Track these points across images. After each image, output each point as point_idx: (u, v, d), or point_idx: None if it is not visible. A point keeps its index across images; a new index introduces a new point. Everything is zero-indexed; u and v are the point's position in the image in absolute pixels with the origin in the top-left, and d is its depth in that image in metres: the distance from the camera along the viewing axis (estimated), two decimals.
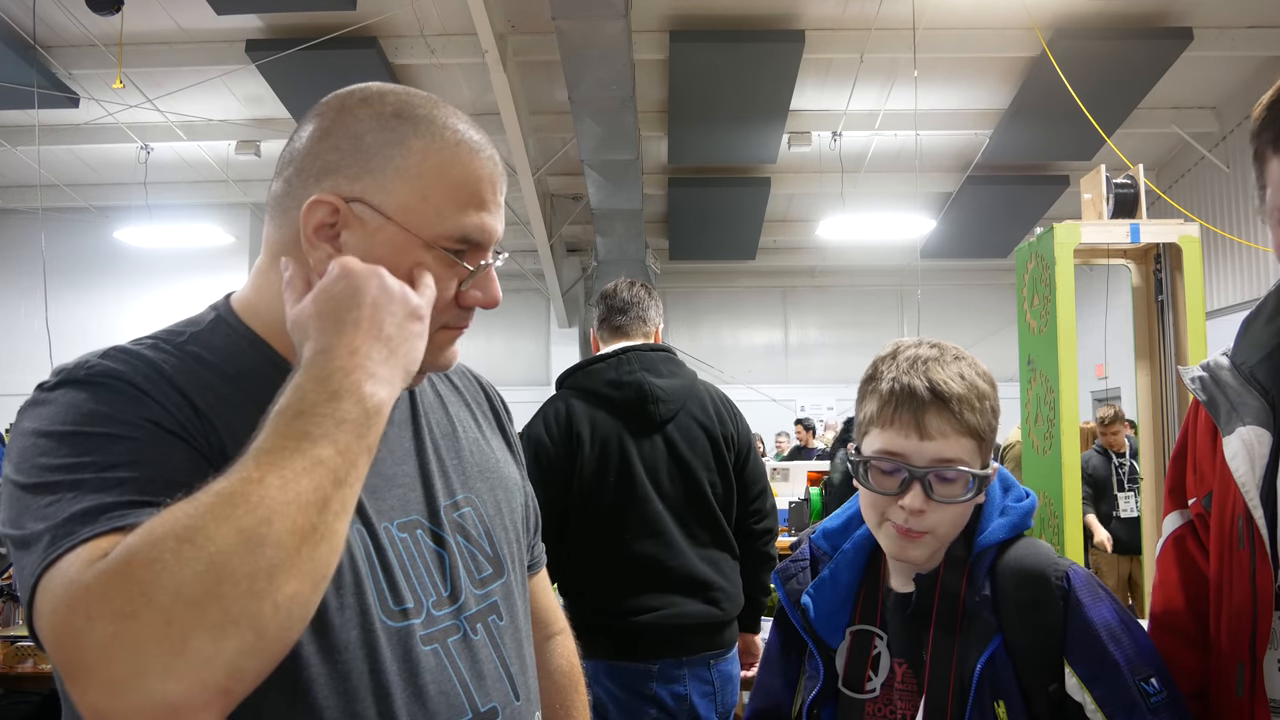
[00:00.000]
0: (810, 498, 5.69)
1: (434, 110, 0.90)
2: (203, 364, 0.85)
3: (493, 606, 0.95)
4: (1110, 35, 6.90)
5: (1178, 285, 3.87)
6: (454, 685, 0.88)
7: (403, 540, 0.90)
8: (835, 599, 1.22)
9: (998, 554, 1.15)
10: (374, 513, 0.89)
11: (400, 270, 0.85)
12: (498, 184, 0.92)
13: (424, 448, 0.97)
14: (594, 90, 6.62)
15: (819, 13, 7.04)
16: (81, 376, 0.79)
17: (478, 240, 0.89)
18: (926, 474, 1.11)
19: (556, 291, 11.43)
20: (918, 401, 1.12)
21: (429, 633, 0.88)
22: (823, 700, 1.21)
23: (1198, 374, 1.18)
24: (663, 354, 2.44)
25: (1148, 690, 1.07)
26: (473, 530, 0.97)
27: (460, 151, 0.88)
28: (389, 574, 0.86)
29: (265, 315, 0.91)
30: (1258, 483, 1.06)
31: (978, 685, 1.09)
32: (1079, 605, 1.09)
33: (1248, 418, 1.09)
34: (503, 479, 1.05)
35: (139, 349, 0.84)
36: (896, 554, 1.17)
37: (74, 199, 9.98)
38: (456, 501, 0.97)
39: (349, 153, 0.87)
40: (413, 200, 0.86)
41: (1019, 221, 9.92)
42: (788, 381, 13.31)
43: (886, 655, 1.19)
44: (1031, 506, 1.20)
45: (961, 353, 1.19)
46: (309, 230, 0.86)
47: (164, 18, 6.95)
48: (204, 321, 0.91)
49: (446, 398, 1.06)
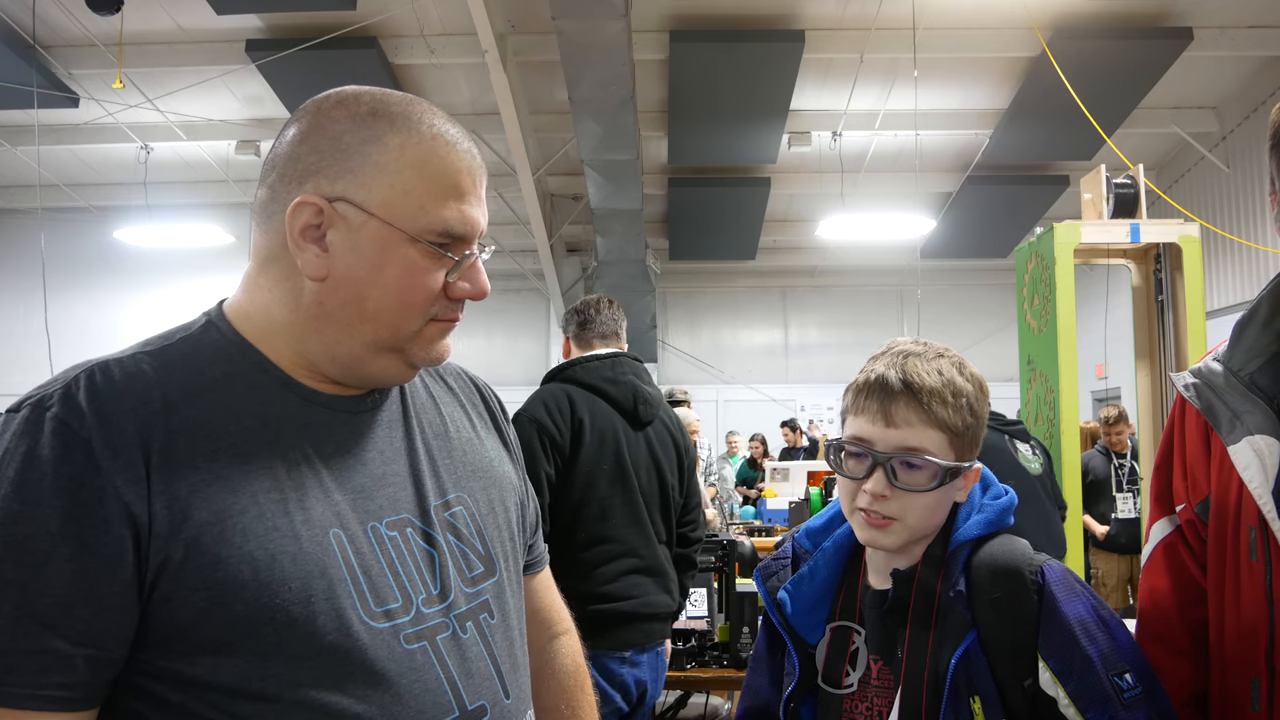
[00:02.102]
0: (810, 498, 5.69)
1: (409, 108, 0.91)
2: (186, 368, 0.87)
3: (484, 605, 0.95)
4: (1110, 35, 6.89)
5: (1178, 285, 3.87)
6: (440, 683, 0.88)
7: (391, 539, 0.90)
8: (813, 595, 1.24)
9: (973, 550, 1.16)
10: (361, 513, 0.89)
11: (387, 265, 0.87)
12: (477, 176, 0.93)
13: (414, 447, 0.98)
14: (594, 90, 6.61)
15: (819, 13, 7.04)
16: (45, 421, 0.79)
17: (460, 232, 0.90)
18: (890, 460, 1.14)
19: (556, 291, 11.43)
20: (888, 391, 1.15)
21: (417, 630, 0.88)
22: (800, 695, 1.22)
23: (1190, 381, 1.17)
24: (643, 365, 2.66)
25: (1121, 685, 1.07)
26: (464, 529, 0.97)
27: (437, 145, 0.90)
28: (370, 576, 0.86)
29: (256, 320, 0.92)
30: (1273, 494, 1.05)
31: (952, 680, 1.10)
32: (1053, 600, 1.10)
33: (1254, 427, 1.08)
34: (496, 478, 1.05)
35: (117, 370, 0.84)
36: (866, 541, 1.19)
37: (74, 199, 9.98)
38: (448, 500, 0.97)
39: (328, 153, 0.88)
40: (394, 195, 0.87)
41: (1019, 221, 9.92)
42: (788, 381, 13.30)
43: (864, 651, 1.20)
44: (1009, 504, 1.21)
45: (948, 353, 1.20)
46: (295, 232, 0.88)
47: (164, 18, 6.95)
48: (194, 327, 0.93)
49: (440, 398, 1.06)
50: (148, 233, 9.70)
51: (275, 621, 0.80)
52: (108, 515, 0.77)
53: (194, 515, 0.80)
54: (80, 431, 0.79)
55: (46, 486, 0.76)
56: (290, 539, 0.83)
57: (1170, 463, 1.23)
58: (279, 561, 0.82)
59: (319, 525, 0.85)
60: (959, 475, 1.16)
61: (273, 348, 0.91)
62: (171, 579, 0.79)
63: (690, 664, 2.82)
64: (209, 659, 0.79)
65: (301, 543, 0.83)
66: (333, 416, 0.92)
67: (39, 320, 6.53)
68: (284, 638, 0.81)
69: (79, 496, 0.77)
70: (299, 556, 0.83)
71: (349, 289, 0.89)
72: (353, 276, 0.88)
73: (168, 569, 0.78)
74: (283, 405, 0.89)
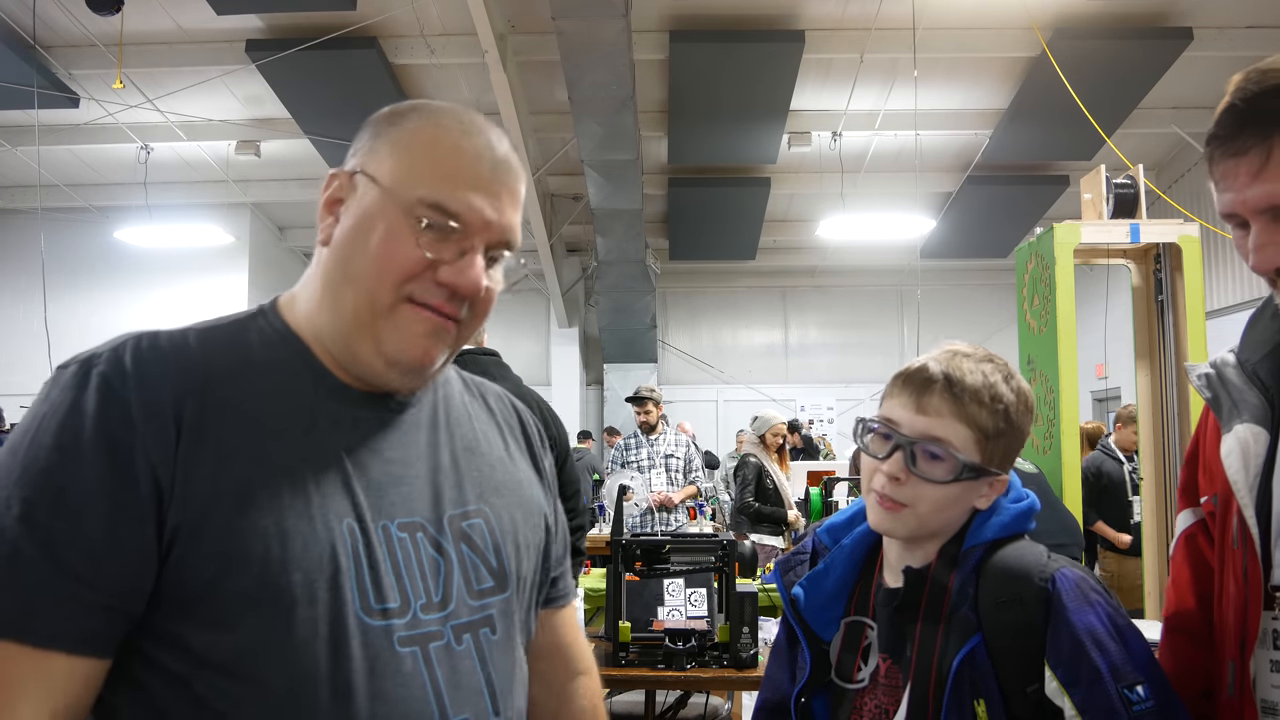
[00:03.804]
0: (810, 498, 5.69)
1: (448, 106, 0.96)
2: (230, 348, 0.90)
3: (487, 620, 0.94)
4: (1110, 35, 6.90)
5: (1178, 285, 3.87)
6: (425, 690, 0.87)
7: (400, 540, 0.90)
8: (828, 591, 1.24)
9: (988, 553, 1.15)
10: (374, 510, 0.89)
11: (373, 228, 0.89)
12: (499, 169, 0.93)
13: (439, 454, 0.97)
14: (594, 90, 6.62)
15: (819, 13, 7.04)
16: (91, 377, 0.83)
17: (455, 210, 0.89)
18: (912, 444, 1.14)
19: (556, 291, 11.43)
20: (927, 381, 1.16)
21: (410, 634, 0.87)
22: (812, 690, 1.23)
23: (1204, 371, 1.17)
24: (493, 359, 2.72)
25: (1130, 698, 1.05)
26: (479, 541, 0.96)
27: (454, 129, 0.93)
28: (375, 572, 0.87)
29: (299, 307, 0.95)
30: (1250, 483, 1.06)
31: (955, 682, 1.10)
32: (1061, 609, 1.08)
33: (1246, 415, 1.09)
34: (524, 500, 1.04)
35: (165, 341, 0.88)
36: (875, 524, 1.19)
37: (74, 199, 9.97)
38: (467, 511, 0.97)
39: (364, 140, 0.95)
40: (399, 168, 0.91)
41: (1019, 221, 9.92)
42: (788, 381, 13.31)
43: (877, 647, 1.20)
44: (1029, 508, 1.20)
45: (998, 360, 1.19)
46: (323, 204, 0.94)
47: (164, 18, 6.95)
48: (242, 315, 0.96)
49: (476, 414, 1.06)
50: (148, 233, 9.70)
51: (279, 601, 0.81)
52: (137, 474, 0.80)
53: (217, 485, 0.82)
54: (120, 390, 0.82)
55: (85, 439, 0.79)
56: (305, 521, 0.84)
57: (1197, 455, 1.23)
58: (292, 541, 0.82)
59: (334, 514, 0.86)
60: (981, 477, 1.15)
61: (311, 337, 0.94)
62: (186, 543, 0.80)
63: (690, 664, 2.82)
64: (209, 633, 0.80)
65: (316, 527, 0.84)
66: (360, 411, 0.92)
67: (39, 320, 6.54)
68: (283, 618, 0.81)
69: (113, 453, 0.80)
70: (311, 540, 0.83)
71: (339, 248, 0.91)
72: (345, 238, 0.91)
73: (183, 532, 0.80)
74: (316, 395, 0.91)
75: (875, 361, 12.74)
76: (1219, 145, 0.99)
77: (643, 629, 2.87)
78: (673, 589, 2.93)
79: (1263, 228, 0.99)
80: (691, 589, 2.93)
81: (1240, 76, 0.98)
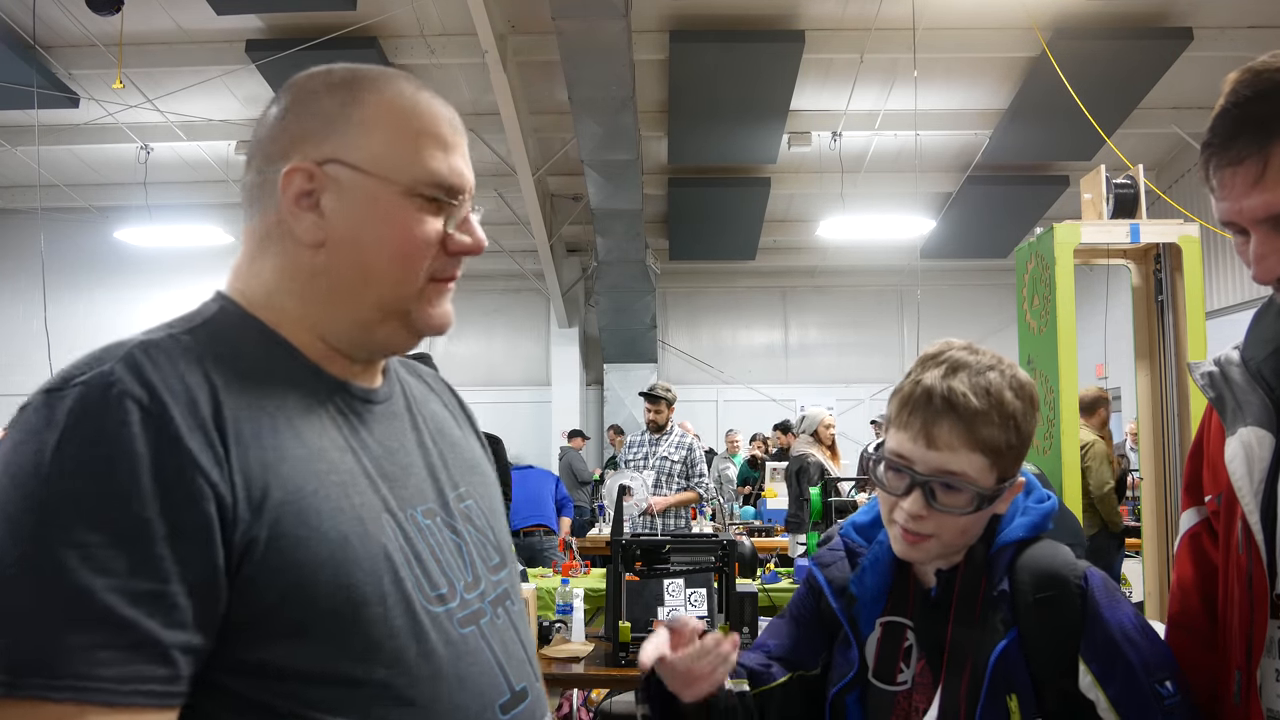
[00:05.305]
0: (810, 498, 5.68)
1: (383, 71, 0.93)
2: (227, 349, 0.84)
3: (505, 594, 0.96)
4: (1110, 35, 6.90)
5: (1177, 285, 3.86)
6: (492, 665, 0.88)
7: (427, 527, 0.90)
8: (876, 588, 1.23)
9: (1016, 552, 1.17)
10: (399, 501, 0.89)
11: (382, 220, 0.87)
12: (458, 127, 0.93)
13: (423, 440, 0.98)
14: (594, 90, 6.62)
15: (819, 13, 7.04)
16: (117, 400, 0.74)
17: (451, 182, 0.90)
18: (929, 482, 1.13)
19: (556, 291, 11.42)
20: (932, 409, 1.13)
21: (465, 615, 0.88)
22: (851, 688, 1.23)
23: (1208, 369, 1.16)
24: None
25: (1161, 693, 1.08)
26: (477, 520, 0.98)
27: (418, 99, 0.91)
28: (421, 561, 0.86)
29: (265, 306, 0.89)
30: (1255, 488, 1.05)
31: (991, 677, 1.11)
32: (1096, 606, 1.12)
33: (1250, 418, 1.08)
34: (486, 477, 1.06)
35: (171, 347, 0.80)
36: (901, 554, 1.19)
37: (74, 199, 9.98)
38: (460, 493, 0.98)
39: (310, 122, 0.88)
40: (381, 149, 0.87)
41: (1019, 221, 9.92)
42: (788, 382, 13.29)
43: (917, 649, 1.20)
44: (1052, 509, 1.21)
45: (1000, 364, 1.17)
46: (290, 202, 0.87)
47: (164, 18, 6.95)
48: (210, 312, 0.89)
49: (428, 398, 1.06)
50: (148, 233, 9.71)
51: (352, 602, 0.79)
52: (195, 494, 0.74)
53: (272, 494, 0.78)
54: (152, 408, 0.74)
55: (137, 469, 0.72)
56: (355, 521, 0.82)
57: (1201, 452, 1.23)
58: (350, 542, 0.81)
59: (370, 510, 0.84)
60: (998, 498, 1.16)
61: (290, 330, 0.89)
62: (255, 560, 0.76)
63: None
64: (286, 644, 0.77)
65: (366, 525, 0.83)
66: (358, 406, 0.92)
67: (39, 320, 6.53)
68: (359, 619, 0.79)
69: (168, 477, 0.73)
70: (365, 539, 0.82)
71: (348, 250, 0.87)
72: (350, 236, 0.87)
73: (253, 550, 0.76)
74: (315, 391, 0.88)
75: (875, 361, 12.73)
76: (1215, 153, 0.98)
77: (643, 629, 2.87)
78: (673, 589, 2.93)
79: (1263, 238, 0.98)
80: (691, 589, 2.93)
81: (1234, 77, 0.97)
